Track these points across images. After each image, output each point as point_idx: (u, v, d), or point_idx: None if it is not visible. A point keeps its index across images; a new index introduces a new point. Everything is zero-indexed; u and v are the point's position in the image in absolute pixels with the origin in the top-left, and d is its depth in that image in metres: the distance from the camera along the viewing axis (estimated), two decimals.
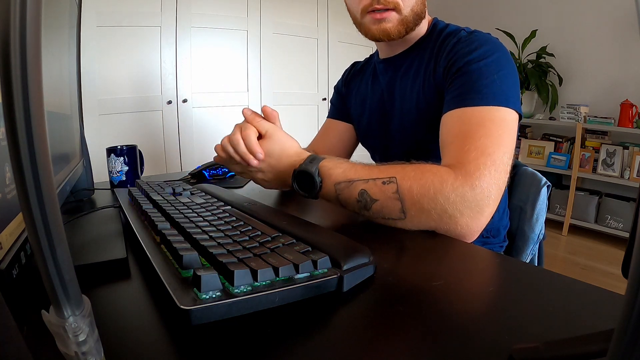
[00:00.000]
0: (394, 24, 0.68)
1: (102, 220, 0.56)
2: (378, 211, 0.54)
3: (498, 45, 0.64)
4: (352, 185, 0.55)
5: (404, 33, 0.70)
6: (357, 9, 0.70)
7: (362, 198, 0.54)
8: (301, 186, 0.59)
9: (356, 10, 0.71)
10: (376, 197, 0.53)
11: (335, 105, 0.96)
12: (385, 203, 0.53)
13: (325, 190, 0.57)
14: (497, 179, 0.53)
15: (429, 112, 0.70)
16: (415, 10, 0.69)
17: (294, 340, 0.29)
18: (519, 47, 2.83)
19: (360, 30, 0.74)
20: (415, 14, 0.69)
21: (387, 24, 0.68)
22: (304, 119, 2.92)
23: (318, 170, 0.57)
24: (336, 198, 0.57)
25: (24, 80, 0.14)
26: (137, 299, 0.36)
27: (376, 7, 0.67)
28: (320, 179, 0.57)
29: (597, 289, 0.36)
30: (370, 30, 0.70)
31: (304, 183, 0.58)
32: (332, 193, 0.57)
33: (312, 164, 0.58)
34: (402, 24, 0.69)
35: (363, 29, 0.72)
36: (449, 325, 0.30)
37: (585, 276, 2.03)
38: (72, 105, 0.72)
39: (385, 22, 0.68)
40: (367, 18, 0.69)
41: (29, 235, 0.16)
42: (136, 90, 2.24)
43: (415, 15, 0.69)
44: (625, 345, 0.13)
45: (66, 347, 0.18)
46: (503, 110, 0.57)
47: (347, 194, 0.56)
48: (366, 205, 0.54)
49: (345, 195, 0.56)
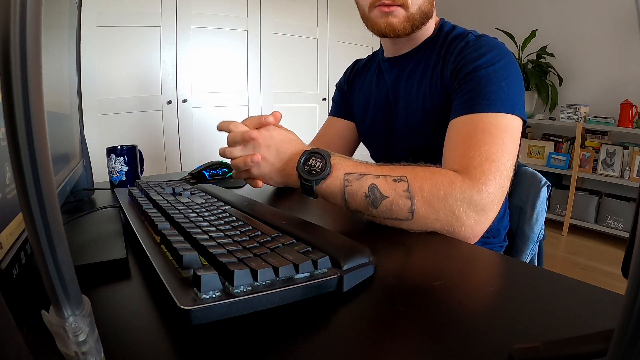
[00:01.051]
0: (400, 20, 0.69)
1: (102, 220, 0.56)
2: (386, 209, 0.53)
3: (505, 52, 0.65)
4: (362, 178, 0.54)
5: (409, 30, 0.70)
6: (366, 2, 0.71)
7: (372, 193, 0.53)
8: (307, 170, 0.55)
9: (364, 4, 0.72)
10: (387, 194, 0.53)
11: (337, 103, 0.96)
12: (395, 201, 0.52)
13: (331, 180, 0.55)
14: (501, 184, 0.54)
15: (434, 114, 0.71)
16: (422, 9, 0.69)
17: (294, 340, 0.29)
18: (519, 47, 2.83)
19: (367, 24, 0.74)
20: (422, 12, 0.69)
21: (393, 19, 0.68)
22: (304, 119, 2.92)
23: (330, 155, 0.55)
24: (342, 190, 0.54)
25: (24, 80, 0.14)
26: (137, 299, 0.36)
27: (384, 2, 0.67)
28: (330, 165, 0.55)
29: (597, 289, 0.36)
30: (377, 24, 0.70)
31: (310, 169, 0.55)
32: (339, 184, 0.54)
33: (324, 150, 0.56)
34: (409, 21, 0.69)
35: (370, 23, 0.72)
36: (449, 325, 0.30)
37: (585, 276, 2.03)
38: (72, 105, 0.72)
39: (392, 17, 0.68)
40: (375, 12, 0.70)
41: (29, 235, 0.16)
42: (136, 90, 2.24)
43: (423, 14, 0.70)
44: (625, 345, 0.13)
45: (66, 347, 0.18)
46: (508, 117, 0.58)
47: (356, 186, 0.54)
48: (374, 201, 0.53)
49: (354, 187, 0.54)
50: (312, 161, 0.56)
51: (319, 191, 0.56)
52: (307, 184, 0.55)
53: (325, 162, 0.55)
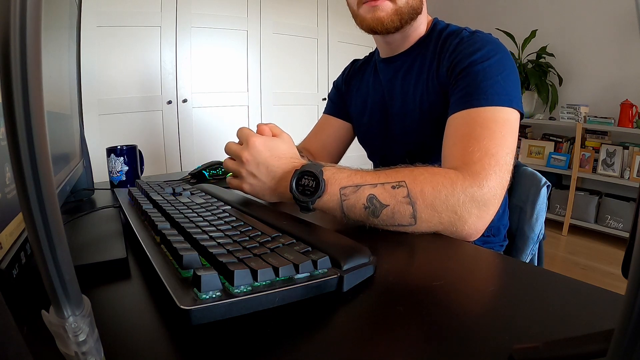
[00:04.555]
0: (387, 14, 0.68)
1: (102, 220, 0.56)
2: (388, 217, 0.51)
3: (500, 46, 0.65)
4: (359, 190, 0.51)
5: (398, 24, 0.70)
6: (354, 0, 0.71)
7: (371, 204, 0.51)
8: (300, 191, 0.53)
9: (353, 2, 0.72)
10: (386, 203, 0.51)
11: (333, 102, 0.95)
12: (396, 208, 0.51)
13: (327, 197, 0.52)
14: (502, 178, 0.54)
15: (432, 113, 0.70)
16: (410, 4, 0.69)
17: (294, 340, 0.29)
18: (519, 47, 2.83)
19: (356, 21, 0.74)
20: (410, 7, 0.69)
21: (381, 13, 0.68)
22: (303, 119, 2.92)
23: (322, 173, 0.52)
24: (340, 205, 0.52)
25: (24, 80, 0.14)
26: (137, 299, 0.36)
27: None
28: (324, 182, 0.52)
29: (597, 289, 0.36)
30: (365, 20, 0.70)
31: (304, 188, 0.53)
32: (335, 199, 0.52)
33: (316, 167, 0.53)
34: (397, 14, 0.69)
35: (359, 20, 0.72)
36: (449, 325, 0.30)
37: (585, 276, 2.03)
38: (72, 105, 0.72)
39: (379, 11, 0.68)
40: (363, 8, 0.70)
41: (29, 235, 0.16)
42: (136, 90, 2.24)
43: (411, 8, 0.69)
44: (625, 345, 0.13)
45: (66, 347, 0.18)
46: (506, 110, 0.58)
47: (354, 199, 0.51)
48: (375, 211, 0.51)
49: (352, 200, 0.52)
50: (304, 180, 0.53)
51: (316, 207, 0.54)
52: (302, 203, 0.53)
53: (318, 180, 0.52)
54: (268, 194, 0.58)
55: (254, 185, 0.58)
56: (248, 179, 0.58)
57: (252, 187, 0.59)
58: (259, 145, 0.56)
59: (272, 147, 0.57)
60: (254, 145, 0.56)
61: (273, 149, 0.57)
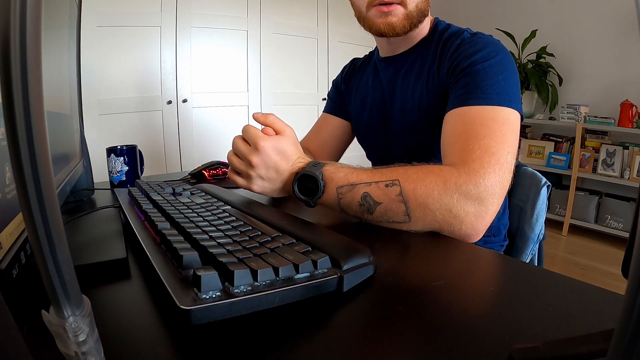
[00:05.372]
0: (399, 19, 0.68)
1: (102, 220, 0.56)
2: (382, 214, 0.53)
3: (500, 47, 0.65)
4: (354, 189, 0.54)
5: (408, 29, 0.70)
6: (363, 2, 0.70)
7: (365, 201, 0.54)
8: (302, 191, 0.58)
9: (361, 4, 0.71)
10: (379, 200, 0.53)
11: (332, 100, 0.95)
12: (388, 206, 0.52)
13: (326, 196, 0.56)
14: (502, 177, 0.53)
15: (431, 113, 0.70)
16: (419, 7, 0.69)
17: (294, 340, 0.29)
18: (519, 47, 2.83)
19: (363, 24, 0.73)
20: (419, 10, 0.69)
21: (392, 18, 0.68)
22: (303, 119, 2.91)
23: (322, 174, 0.56)
24: (337, 203, 0.56)
25: (24, 80, 0.14)
26: (137, 299, 0.36)
27: (383, 0, 0.67)
28: (323, 183, 0.56)
29: (597, 289, 0.36)
30: (375, 24, 0.70)
31: (306, 187, 0.57)
32: (333, 197, 0.56)
33: (316, 168, 0.57)
34: (407, 19, 0.69)
35: (367, 23, 0.72)
36: (449, 325, 0.30)
37: (585, 276, 2.03)
38: (72, 105, 0.72)
39: (391, 16, 0.68)
40: (373, 11, 0.69)
41: (29, 235, 0.16)
42: (136, 90, 2.24)
43: (420, 12, 0.70)
44: (625, 345, 0.13)
45: (66, 347, 0.18)
46: (506, 110, 0.58)
47: (350, 197, 0.55)
48: (369, 208, 0.54)
49: (348, 199, 0.55)
50: (305, 182, 0.57)
51: (317, 204, 0.58)
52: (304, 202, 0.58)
53: (317, 181, 0.56)
54: (277, 193, 0.63)
55: (263, 186, 0.61)
56: (257, 181, 0.60)
57: (262, 188, 0.61)
58: (268, 150, 0.58)
59: (280, 150, 0.59)
60: (264, 151, 0.58)
61: (281, 152, 0.59)
